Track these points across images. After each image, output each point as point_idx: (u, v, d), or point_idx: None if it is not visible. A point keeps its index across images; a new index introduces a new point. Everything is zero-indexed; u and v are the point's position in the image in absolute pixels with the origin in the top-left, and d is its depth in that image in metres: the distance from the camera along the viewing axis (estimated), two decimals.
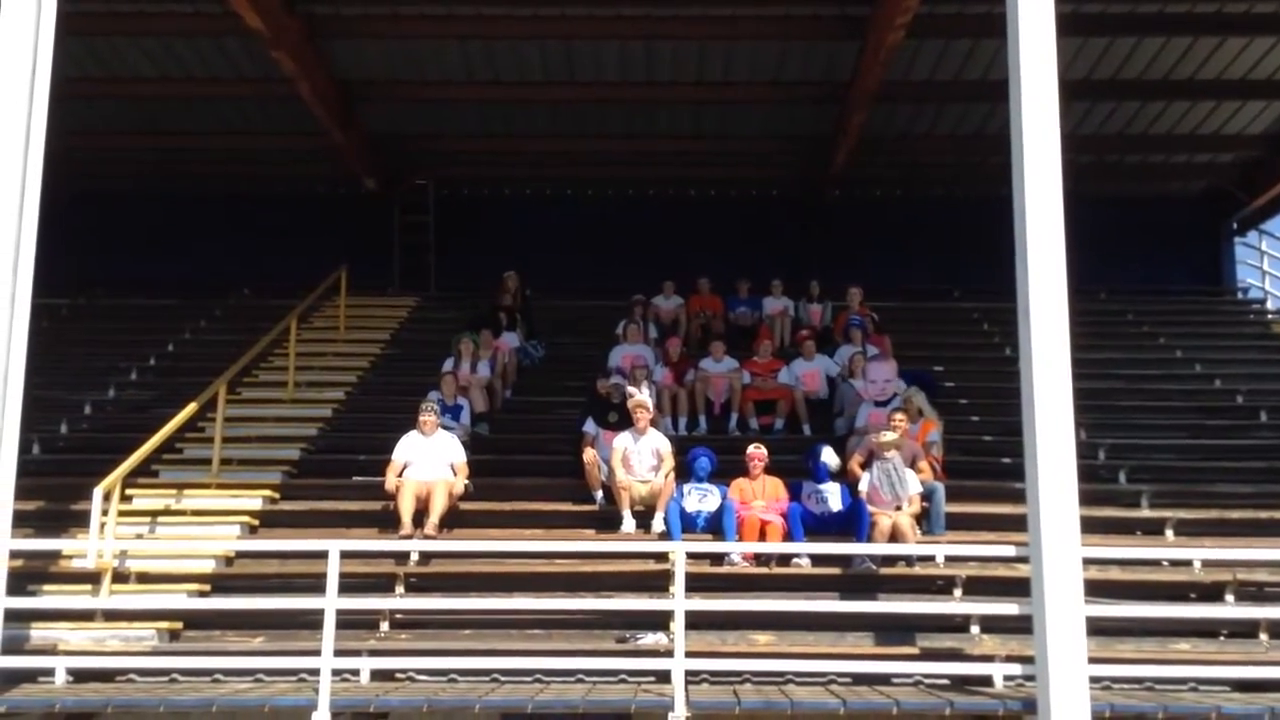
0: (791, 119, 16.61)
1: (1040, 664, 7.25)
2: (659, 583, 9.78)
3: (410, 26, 14.17)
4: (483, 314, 15.34)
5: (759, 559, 10.24)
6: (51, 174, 7.87)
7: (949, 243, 17.42)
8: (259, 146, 17.50)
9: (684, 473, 11.12)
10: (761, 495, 10.77)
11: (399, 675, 8.94)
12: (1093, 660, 7.41)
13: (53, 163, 7.89)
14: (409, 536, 10.39)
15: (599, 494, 11.24)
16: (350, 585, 9.12)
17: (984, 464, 12.12)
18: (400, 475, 10.89)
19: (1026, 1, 7.76)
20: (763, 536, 10.37)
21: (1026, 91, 7.67)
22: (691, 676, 8.38)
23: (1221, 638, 9.57)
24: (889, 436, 10.80)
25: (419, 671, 8.91)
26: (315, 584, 8.73)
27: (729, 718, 7.73)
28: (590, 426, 11.80)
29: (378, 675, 8.84)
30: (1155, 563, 10.48)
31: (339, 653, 8.16)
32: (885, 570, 10.11)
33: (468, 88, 15.77)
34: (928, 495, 10.74)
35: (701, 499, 10.90)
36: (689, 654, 8.22)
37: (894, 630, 9.46)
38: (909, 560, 10.17)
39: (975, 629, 9.44)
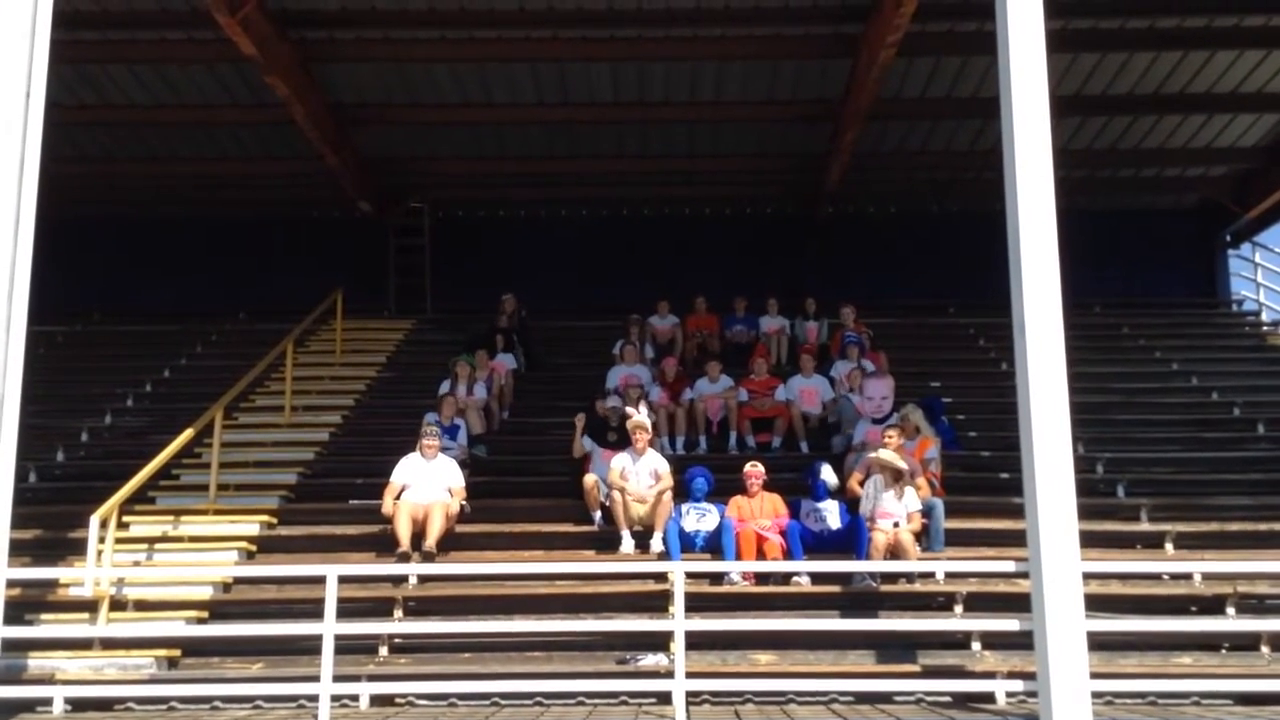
0: (785, 137, 16.66)
1: (1042, 680, 7.21)
2: (659, 603, 9.75)
3: (403, 50, 14.20)
4: (479, 335, 15.34)
5: (759, 578, 10.22)
6: (46, 201, 7.86)
7: (943, 259, 17.48)
8: (253, 171, 17.55)
9: (682, 492, 11.11)
10: (760, 513, 10.74)
11: (399, 700, 8.90)
12: (1095, 675, 7.37)
13: (47, 189, 7.87)
14: (407, 560, 10.36)
15: (597, 515, 11.22)
16: (349, 610, 9.10)
17: (982, 479, 12.13)
18: (398, 498, 10.86)
19: (1016, 19, 7.78)
20: (761, 555, 10.35)
21: (1018, 108, 7.68)
22: (693, 697, 8.35)
23: (1223, 651, 9.55)
24: (886, 455, 10.78)
25: (419, 696, 8.87)
26: (313, 609, 8.68)
27: None
28: (588, 444, 11.78)
29: (377, 700, 8.80)
30: (1156, 576, 10.47)
31: (338, 678, 8.12)
32: (886, 587, 10.09)
33: (461, 110, 15.80)
34: (927, 512, 10.71)
35: (700, 518, 10.88)
36: (690, 674, 8.19)
37: (895, 648, 9.42)
38: (909, 577, 10.15)
39: (976, 645, 9.41)
